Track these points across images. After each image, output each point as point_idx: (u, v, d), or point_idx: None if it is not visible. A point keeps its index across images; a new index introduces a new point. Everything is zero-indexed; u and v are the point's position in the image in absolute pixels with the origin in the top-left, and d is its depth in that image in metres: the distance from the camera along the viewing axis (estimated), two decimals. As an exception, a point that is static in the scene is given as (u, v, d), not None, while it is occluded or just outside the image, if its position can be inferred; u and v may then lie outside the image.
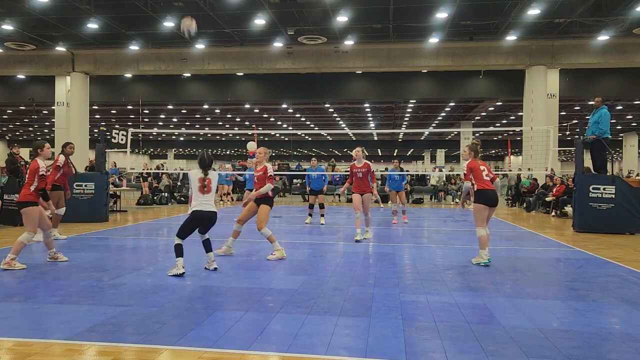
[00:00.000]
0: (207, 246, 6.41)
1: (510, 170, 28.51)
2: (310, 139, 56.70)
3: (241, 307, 4.72)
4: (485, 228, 7.01)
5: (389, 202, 14.93)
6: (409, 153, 69.88)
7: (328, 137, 54.73)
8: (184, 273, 6.00)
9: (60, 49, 21.74)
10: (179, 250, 6.10)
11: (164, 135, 54.98)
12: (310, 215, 12.86)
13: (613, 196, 10.74)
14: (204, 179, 6.22)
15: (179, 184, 23.17)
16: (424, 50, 20.71)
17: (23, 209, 6.42)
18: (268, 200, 7.42)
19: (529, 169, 18.81)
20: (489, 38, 19.87)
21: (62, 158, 9.11)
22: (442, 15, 16.96)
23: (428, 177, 25.60)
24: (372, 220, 13.43)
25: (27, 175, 6.51)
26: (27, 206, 6.40)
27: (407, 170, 19.44)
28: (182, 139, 59.84)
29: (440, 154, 51.24)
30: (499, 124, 39.69)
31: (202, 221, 6.26)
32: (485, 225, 7.01)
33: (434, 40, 19.74)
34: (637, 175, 30.83)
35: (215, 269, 6.35)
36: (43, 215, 6.61)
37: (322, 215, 12.49)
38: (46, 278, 5.95)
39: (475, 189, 7.09)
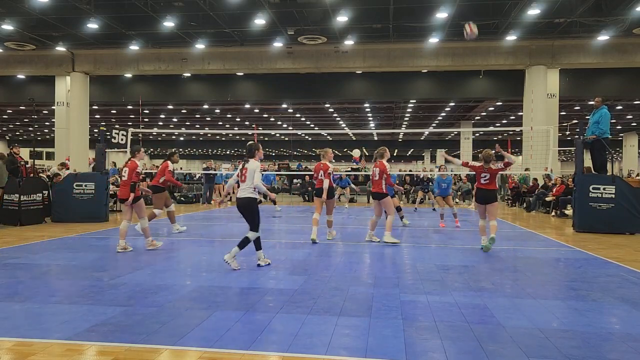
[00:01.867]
0: (241, 242, 6.48)
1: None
2: (310, 139, 56.69)
3: (241, 307, 4.72)
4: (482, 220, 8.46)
5: (434, 205, 15.09)
6: (409, 153, 69.87)
7: (328, 137, 54.71)
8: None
9: (60, 49, 21.74)
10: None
11: (164, 135, 54.98)
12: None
13: (613, 196, 10.74)
14: (241, 169, 6.61)
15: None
16: (424, 50, 20.71)
17: (134, 203, 7.92)
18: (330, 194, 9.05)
19: (526, 169, 18.82)
20: (489, 38, 19.86)
21: (170, 165, 10.27)
22: (442, 15, 16.96)
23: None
24: (368, 218, 13.42)
25: (124, 174, 7.93)
26: (136, 200, 7.92)
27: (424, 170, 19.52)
28: (182, 139, 59.85)
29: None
30: (499, 124, 39.69)
31: (238, 208, 6.59)
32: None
33: (434, 40, 19.74)
34: (638, 175, 30.85)
35: (259, 265, 6.66)
36: (141, 205, 8.06)
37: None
38: (46, 278, 5.95)
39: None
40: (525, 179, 20.33)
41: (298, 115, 39.84)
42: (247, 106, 34.10)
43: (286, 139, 53.75)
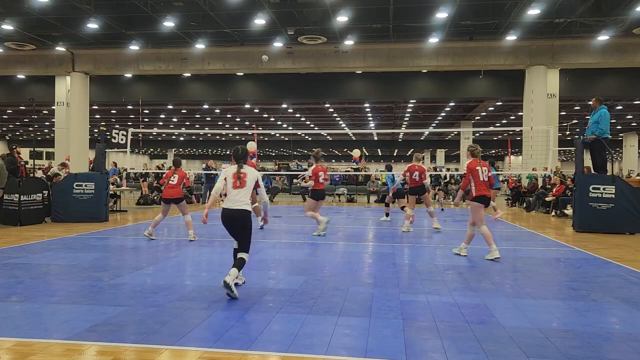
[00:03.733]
0: (238, 263, 5.25)
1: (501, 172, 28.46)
2: (310, 139, 56.70)
3: (241, 307, 4.72)
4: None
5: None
6: (409, 153, 69.84)
7: (328, 137, 54.72)
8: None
9: (60, 49, 21.74)
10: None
11: (164, 135, 54.99)
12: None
13: (613, 196, 10.74)
14: (237, 172, 5.35)
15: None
16: (424, 50, 20.70)
17: (179, 203, 9.34)
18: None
19: (533, 169, 18.79)
20: (489, 38, 19.86)
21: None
22: (442, 15, 16.95)
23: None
24: (370, 218, 13.42)
25: (173, 180, 9.25)
26: (181, 200, 9.38)
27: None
28: (182, 139, 59.85)
29: (440, 154, 51.25)
30: (499, 124, 39.69)
31: (230, 221, 5.32)
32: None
33: (434, 40, 19.74)
34: (638, 175, 30.84)
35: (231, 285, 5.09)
36: (184, 204, 9.50)
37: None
38: (46, 278, 5.95)
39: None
40: (533, 178, 20.28)
41: (298, 115, 39.84)
42: (247, 106, 34.09)
43: (286, 139, 53.74)
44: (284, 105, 34.04)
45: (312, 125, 45.37)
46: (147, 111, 35.85)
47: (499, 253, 7.40)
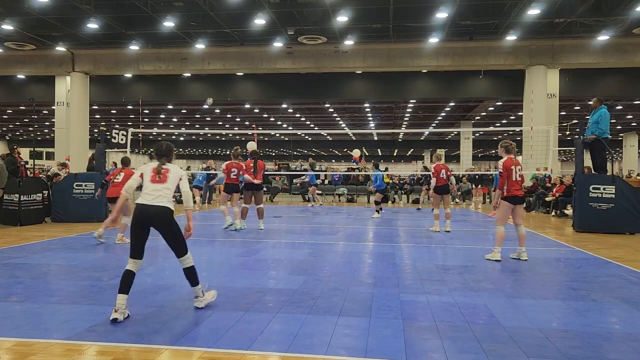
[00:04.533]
0: (190, 277, 4.61)
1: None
2: (310, 139, 56.72)
3: (241, 307, 4.72)
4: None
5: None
6: (409, 153, 69.89)
7: (328, 137, 54.72)
8: (115, 319, 4.22)
9: (60, 49, 21.73)
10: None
11: (164, 135, 54.91)
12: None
13: (613, 196, 10.74)
14: (157, 167, 4.71)
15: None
16: (424, 50, 20.70)
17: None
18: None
19: (537, 169, 18.77)
20: (489, 38, 19.86)
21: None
22: (442, 15, 16.95)
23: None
24: (370, 218, 13.43)
25: (116, 177, 9.04)
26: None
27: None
28: (182, 139, 59.84)
29: (440, 154, 51.17)
30: (499, 124, 39.68)
31: (147, 220, 4.52)
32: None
33: (434, 40, 19.73)
34: (638, 175, 30.84)
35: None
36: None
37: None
38: (46, 278, 5.95)
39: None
40: (539, 178, 20.24)
41: (298, 115, 39.84)
42: (247, 106, 34.09)
43: (286, 139, 53.73)
44: (284, 105, 34.04)
45: (312, 125, 45.38)
46: (147, 111, 35.84)
47: (500, 257, 7.36)
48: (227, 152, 68.17)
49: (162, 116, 41.12)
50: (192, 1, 16.48)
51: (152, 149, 65.52)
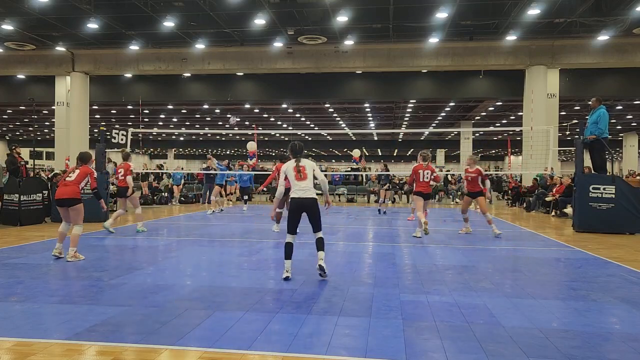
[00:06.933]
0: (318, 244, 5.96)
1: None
2: (310, 139, 56.72)
3: (241, 307, 4.72)
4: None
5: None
6: (409, 153, 69.88)
7: (328, 137, 54.72)
8: (287, 277, 5.79)
9: (60, 49, 21.74)
10: (286, 251, 5.89)
11: (164, 135, 54.97)
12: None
13: (613, 196, 10.74)
14: (298, 167, 6.06)
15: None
16: (424, 50, 20.71)
17: (74, 206, 7.63)
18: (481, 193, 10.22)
19: (545, 169, 18.75)
20: (489, 38, 19.87)
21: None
22: (442, 15, 16.96)
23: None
24: (370, 218, 13.44)
25: (69, 175, 7.81)
26: (76, 203, 7.68)
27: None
28: (182, 139, 59.86)
29: (440, 154, 51.21)
30: (499, 124, 39.70)
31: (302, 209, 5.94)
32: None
33: (434, 40, 19.74)
34: (638, 175, 30.83)
35: (321, 267, 5.86)
36: (80, 210, 8.45)
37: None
38: (46, 278, 5.95)
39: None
40: (542, 178, 20.23)
41: (298, 115, 39.85)
42: (247, 106, 34.10)
43: (286, 139, 53.70)
44: (284, 105, 34.05)
45: (312, 125, 45.39)
46: (147, 111, 35.84)
47: (420, 235, 9.38)
48: (227, 152, 68.26)
49: (162, 116, 41.12)
50: (192, 1, 16.49)
51: (151, 149, 65.56)
